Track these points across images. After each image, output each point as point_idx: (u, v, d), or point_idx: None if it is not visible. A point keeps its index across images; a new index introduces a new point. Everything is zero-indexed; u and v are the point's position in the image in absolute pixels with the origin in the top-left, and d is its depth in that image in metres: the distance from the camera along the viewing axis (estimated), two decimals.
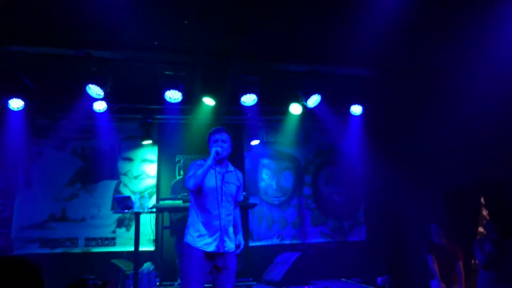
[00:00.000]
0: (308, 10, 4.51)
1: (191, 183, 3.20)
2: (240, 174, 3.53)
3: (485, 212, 5.91)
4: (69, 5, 4.17)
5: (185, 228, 3.36)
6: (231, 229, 3.34)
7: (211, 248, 3.19)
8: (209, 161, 3.21)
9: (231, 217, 3.36)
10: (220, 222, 3.22)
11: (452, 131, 6.07)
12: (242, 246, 3.40)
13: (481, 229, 6.05)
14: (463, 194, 6.10)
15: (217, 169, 3.34)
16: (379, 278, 6.61)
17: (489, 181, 5.58)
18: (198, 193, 3.30)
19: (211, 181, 3.27)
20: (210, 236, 3.21)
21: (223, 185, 3.31)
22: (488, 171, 5.52)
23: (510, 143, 5.16)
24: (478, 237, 5.57)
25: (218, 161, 3.36)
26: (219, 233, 3.21)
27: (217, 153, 3.25)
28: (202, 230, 3.23)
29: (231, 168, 3.46)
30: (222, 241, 3.22)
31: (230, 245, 3.28)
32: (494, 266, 4.84)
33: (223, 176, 3.34)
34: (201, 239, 3.21)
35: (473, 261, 5.62)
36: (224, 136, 3.40)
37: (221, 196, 3.27)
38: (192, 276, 3.16)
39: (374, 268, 6.90)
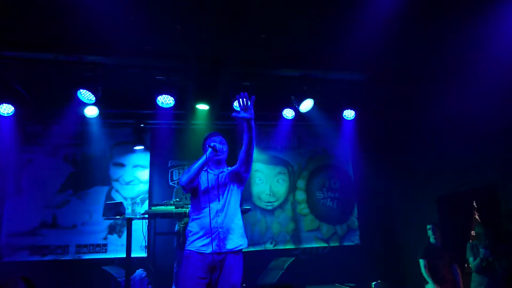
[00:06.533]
0: (302, 16, 4.52)
1: (183, 178, 3.12)
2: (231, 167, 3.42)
3: (477, 216, 5.93)
4: (60, 10, 4.14)
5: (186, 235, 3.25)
6: (235, 228, 3.16)
7: (210, 249, 3.02)
8: (204, 156, 3.12)
9: (234, 218, 3.19)
10: (221, 219, 3.10)
11: (444, 135, 6.12)
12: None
13: (473, 233, 6.06)
14: (456, 198, 6.13)
15: (213, 171, 3.30)
16: (374, 283, 6.60)
17: (482, 185, 5.62)
18: (195, 195, 3.22)
19: (207, 182, 3.20)
20: (208, 235, 3.05)
21: (218, 183, 3.23)
22: (480, 175, 5.56)
23: (502, 148, 5.20)
24: (470, 241, 5.58)
25: (216, 162, 3.32)
26: (218, 231, 3.07)
27: (214, 148, 3.19)
28: (200, 230, 3.09)
29: (225, 169, 3.38)
30: (222, 239, 3.05)
31: (234, 243, 3.10)
32: (487, 270, 4.85)
33: (218, 176, 3.28)
34: (199, 241, 3.07)
35: (466, 265, 5.63)
36: (221, 138, 3.38)
37: (216, 196, 3.18)
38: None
39: (368, 273, 6.89)
